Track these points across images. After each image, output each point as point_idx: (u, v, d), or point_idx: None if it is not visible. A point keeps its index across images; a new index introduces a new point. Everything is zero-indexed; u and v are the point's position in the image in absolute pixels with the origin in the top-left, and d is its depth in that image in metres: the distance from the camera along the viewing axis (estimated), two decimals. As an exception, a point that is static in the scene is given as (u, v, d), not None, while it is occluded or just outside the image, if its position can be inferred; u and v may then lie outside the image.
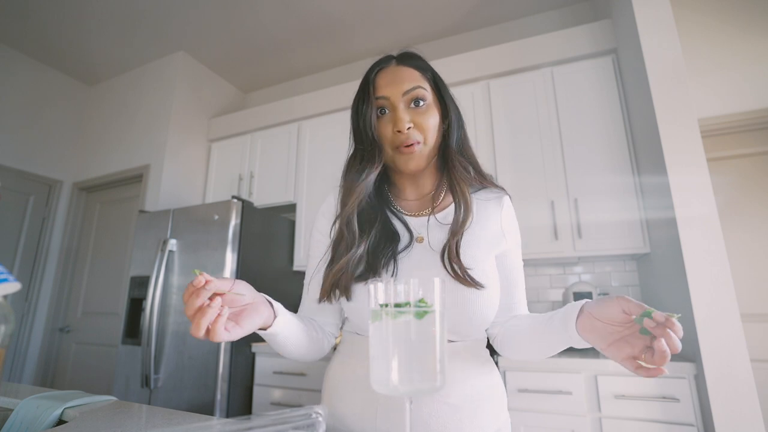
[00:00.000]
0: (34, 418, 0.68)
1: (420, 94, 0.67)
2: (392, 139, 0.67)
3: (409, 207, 0.74)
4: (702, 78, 2.09)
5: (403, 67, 0.70)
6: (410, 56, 0.73)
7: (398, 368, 0.42)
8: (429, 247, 0.67)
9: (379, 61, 0.73)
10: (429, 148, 0.68)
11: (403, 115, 0.66)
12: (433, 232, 0.69)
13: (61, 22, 2.69)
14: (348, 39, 2.89)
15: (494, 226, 0.70)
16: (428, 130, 0.67)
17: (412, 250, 0.68)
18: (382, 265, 0.66)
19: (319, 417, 0.48)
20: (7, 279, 0.45)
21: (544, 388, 1.54)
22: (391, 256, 0.66)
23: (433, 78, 0.72)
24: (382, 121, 0.69)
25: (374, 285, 0.44)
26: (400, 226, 0.70)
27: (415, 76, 0.69)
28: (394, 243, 0.68)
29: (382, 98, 0.68)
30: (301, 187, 2.65)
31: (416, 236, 0.69)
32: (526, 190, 2.05)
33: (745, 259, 1.94)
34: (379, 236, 0.68)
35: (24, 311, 2.92)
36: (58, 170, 3.17)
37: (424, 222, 0.70)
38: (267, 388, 2.05)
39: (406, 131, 0.65)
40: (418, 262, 0.67)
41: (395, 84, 0.67)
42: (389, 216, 0.72)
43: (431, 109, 0.68)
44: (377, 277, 0.65)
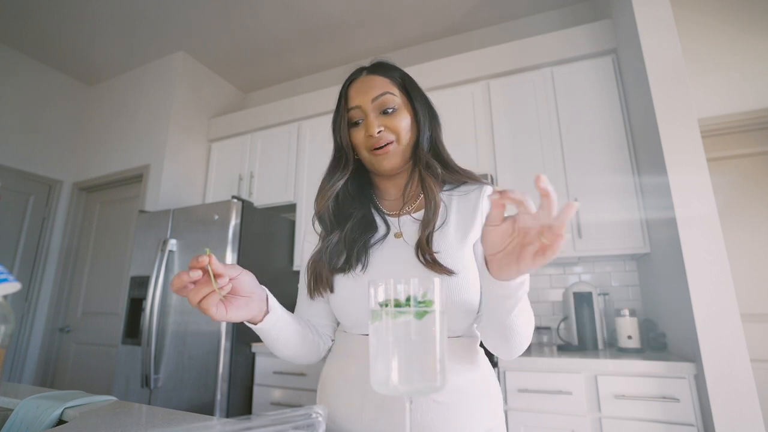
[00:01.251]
0: (34, 418, 0.68)
1: (388, 99, 0.71)
2: (365, 143, 0.72)
3: (390, 206, 0.78)
4: (702, 78, 2.09)
5: (372, 76, 0.74)
6: (379, 66, 0.77)
7: (398, 368, 0.42)
8: (404, 242, 0.71)
9: (352, 74, 0.78)
10: (403, 147, 0.72)
11: (374, 120, 0.70)
12: (409, 228, 0.72)
13: (61, 22, 2.69)
14: (348, 39, 2.89)
15: (472, 214, 0.71)
16: (400, 130, 0.71)
17: (386, 243, 0.71)
18: (356, 255, 0.69)
19: (319, 417, 0.48)
20: (7, 279, 0.45)
21: (544, 388, 1.54)
22: (364, 246, 0.70)
23: (403, 83, 0.76)
24: (356, 130, 0.73)
25: (374, 285, 0.44)
26: (380, 221, 0.75)
27: (383, 83, 0.73)
28: (369, 233, 0.72)
29: (355, 108, 0.72)
30: (301, 187, 2.65)
31: (394, 232, 0.73)
32: (525, 190, 2.04)
33: (745, 259, 1.94)
34: (355, 227, 0.72)
35: (24, 311, 2.92)
36: (58, 170, 3.17)
37: (399, 220, 0.74)
38: (267, 388, 2.05)
39: (377, 134, 0.70)
40: (391, 254, 0.70)
41: (365, 92, 0.72)
42: (372, 211, 0.76)
43: (401, 112, 0.72)
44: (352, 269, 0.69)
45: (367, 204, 0.77)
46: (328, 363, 0.76)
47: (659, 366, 1.42)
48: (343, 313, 0.71)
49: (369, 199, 0.79)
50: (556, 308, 2.20)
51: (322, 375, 0.75)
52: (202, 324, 2.06)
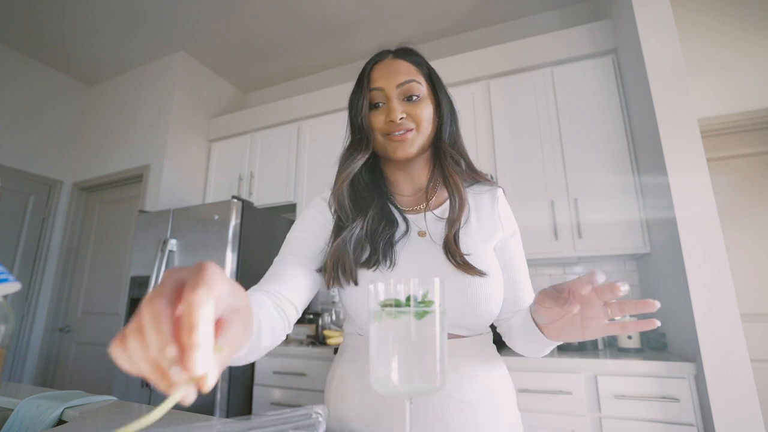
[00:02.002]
0: (34, 418, 0.68)
1: (414, 87, 0.68)
2: (383, 127, 0.69)
3: (405, 202, 0.75)
4: (702, 78, 2.09)
5: (399, 61, 0.71)
6: (407, 51, 0.74)
7: (398, 368, 0.42)
8: (431, 240, 0.68)
9: (376, 55, 0.74)
10: (422, 138, 0.69)
11: (397, 106, 0.67)
12: (433, 226, 0.70)
13: (61, 22, 2.69)
14: (348, 39, 2.89)
15: (490, 217, 0.72)
16: (422, 120, 0.68)
17: (411, 241, 0.68)
18: (382, 251, 0.65)
19: (319, 417, 0.48)
20: (7, 279, 0.45)
21: (544, 388, 1.54)
22: (389, 242, 0.67)
23: (429, 73, 0.73)
24: (376, 112, 0.69)
25: (374, 285, 0.44)
26: (399, 218, 0.71)
27: (410, 69, 0.70)
28: (392, 229, 0.68)
29: (377, 89, 0.69)
30: (301, 187, 2.65)
31: (416, 230, 0.70)
32: (526, 190, 2.05)
33: (745, 259, 1.94)
34: (376, 219, 0.69)
35: (24, 311, 2.92)
36: (58, 170, 3.17)
37: (420, 217, 0.71)
38: (267, 388, 2.05)
39: (399, 121, 0.67)
40: (418, 252, 0.67)
41: (390, 76, 0.69)
42: (388, 204, 0.72)
43: (425, 101, 0.69)
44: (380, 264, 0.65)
45: (384, 197, 0.73)
46: (340, 365, 0.72)
47: (659, 366, 1.42)
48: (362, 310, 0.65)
49: (384, 193, 0.74)
50: (556, 308, 2.20)
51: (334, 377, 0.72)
52: (202, 324, 2.06)
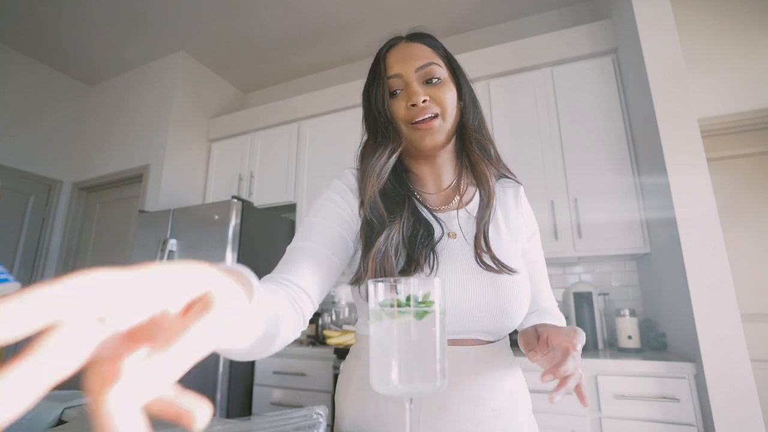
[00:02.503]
0: (34, 418, 0.68)
1: (434, 70, 0.63)
2: (406, 115, 0.62)
3: (433, 201, 0.69)
4: (702, 78, 2.09)
5: (414, 44, 0.66)
6: (421, 34, 0.69)
7: (398, 368, 0.42)
8: (464, 240, 0.64)
9: (389, 41, 0.68)
10: (448, 125, 0.64)
11: (418, 89, 0.62)
12: (465, 225, 0.66)
13: (61, 22, 2.69)
14: (348, 39, 2.89)
15: (515, 215, 0.70)
16: (446, 103, 0.62)
17: (447, 243, 0.64)
18: (424, 256, 0.60)
19: (320, 417, 0.48)
20: (7, 279, 0.45)
21: (544, 388, 1.54)
22: (429, 247, 0.61)
23: (447, 56, 0.68)
24: (395, 100, 0.64)
25: (374, 285, 0.44)
26: (431, 218, 0.66)
27: (427, 52, 0.65)
28: (429, 233, 0.63)
29: (395, 76, 0.63)
30: (301, 187, 2.65)
31: (447, 231, 0.65)
32: (526, 190, 2.04)
33: (745, 259, 1.94)
34: (413, 224, 0.63)
35: (24, 311, 2.92)
36: (58, 170, 3.17)
37: (451, 216, 0.66)
38: (267, 388, 2.05)
39: (422, 104, 0.61)
40: (452, 254, 0.63)
41: (407, 60, 0.63)
42: (417, 206, 0.66)
43: (447, 84, 0.64)
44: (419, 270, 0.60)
45: (411, 197, 0.66)
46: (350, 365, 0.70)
47: (659, 366, 1.42)
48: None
49: (411, 193, 0.68)
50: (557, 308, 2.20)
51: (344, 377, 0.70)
52: (202, 324, 2.06)
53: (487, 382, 0.61)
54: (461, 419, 0.58)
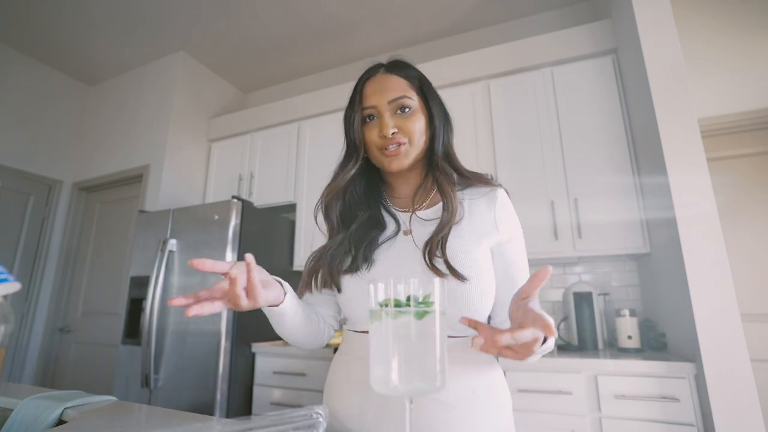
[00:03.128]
0: (34, 418, 0.68)
1: (405, 102, 0.71)
2: (377, 142, 0.71)
3: (401, 203, 0.77)
4: (702, 78, 2.09)
5: (390, 76, 0.74)
6: (398, 65, 0.76)
7: (398, 368, 0.42)
8: (413, 242, 0.69)
9: (368, 70, 0.77)
10: (416, 150, 0.72)
11: (389, 121, 0.70)
12: (418, 227, 0.71)
13: (61, 22, 2.69)
14: (348, 39, 2.89)
15: (485, 219, 0.71)
16: (413, 133, 0.71)
17: (396, 242, 0.71)
18: (363, 255, 0.68)
19: (320, 417, 0.48)
20: (7, 279, 0.45)
21: (544, 388, 1.54)
22: (372, 245, 0.70)
23: (420, 86, 0.75)
24: (369, 126, 0.73)
25: (374, 285, 0.44)
26: (389, 219, 0.74)
27: (401, 85, 0.72)
28: (378, 231, 0.71)
29: (370, 107, 0.72)
30: (301, 187, 2.65)
31: (404, 229, 0.72)
32: (526, 191, 2.05)
33: (745, 259, 1.94)
34: (363, 226, 0.72)
35: (24, 311, 2.92)
36: (58, 170, 3.17)
37: (412, 217, 0.73)
38: (267, 388, 2.05)
39: (391, 136, 0.69)
40: (397, 252, 0.69)
41: (381, 93, 0.71)
42: (380, 209, 0.76)
43: (416, 114, 0.72)
44: (359, 270, 0.68)
45: (377, 203, 0.76)
46: (335, 362, 0.76)
47: (659, 366, 1.42)
48: (349, 310, 0.71)
49: (379, 197, 0.78)
50: (556, 308, 2.20)
51: (330, 374, 0.75)
52: (202, 324, 2.06)
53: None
54: (403, 409, 0.59)
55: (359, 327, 0.70)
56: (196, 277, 2.14)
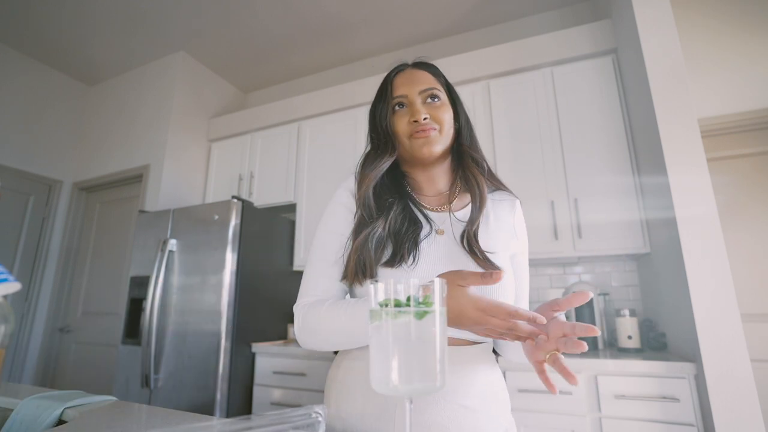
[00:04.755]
0: (34, 418, 0.68)
1: (435, 93, 0.73)
2: (408, 129, 0.72)
3: (428, 201, 0.77)
4: (702, 78, 2.09)
5: (418, 71, 0.76)
6: (426, 63, 0.80)
7: (398, 368, 0.42)
8: (452, 239, 0.70)
9: (396, 67, 0.79)
10: (445, 139, 0.73)
11: (420, 108, 0.71)
12: (453, 226, 0.72)
13: (61, 22, 2.69)
14: (348, 39, 2.89)
15: (508, 225, 0.75)
16: (444, 121, 0.72)
17: (434, 240, 0.70)
18: (407, 249, 0.67)
19: (319, 417, 0.48)
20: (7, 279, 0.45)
21: (544, 388, 1.54)
22: (414, 241, 0.68)
23: (446, 83, 0.79)
24: (398, 114, 0.74)
25: (374, 285, 0.44)
26: (421, 217, 0.73)
27: (430, 78, 0.75)
28: (416, 228, 0.70)
29: (401, 96, 0.74)
30: (301, 187, 2.65)
31: (436, 228, 0.72)
32: (526, 191, 2.05)
33: (745, 259, 1.94)
34: (400, 220, 0.71)
35: (24, 311, 2.92)
36: (58, 170, 3.17)
37: (443, 217, 0.74)
38: (267, 388, 2.06)
39: (423, 121, 0.70)
40: (441, 250, 0.69)
41: (412, 84, 0.74)
42: (410, 205, 0.75)
43: (446, 105, 0.74)
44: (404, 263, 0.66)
45: (405, 198, 0.75)
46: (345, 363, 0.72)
47: (659, 366, 1.42)
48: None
49: (406, 194, 0.77)
50: (556, 308, 2.20)
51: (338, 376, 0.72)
52: (202, 324, 2.06)
53: (462, 381, 0.64)
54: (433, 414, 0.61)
55: None
56: (195, 276, 2.14)
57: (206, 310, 2.07)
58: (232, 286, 2.09)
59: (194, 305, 2.11)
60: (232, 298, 2.08)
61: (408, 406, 0.44)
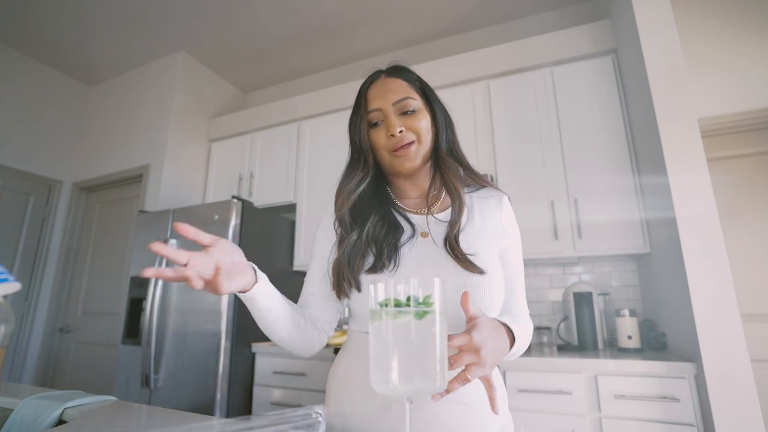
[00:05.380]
0: (34, 418, 0.68)
1: (409, 103, 0.72)
2: (386, 144, 0.72)
3: (411, 204, 0.78)
4: (702, 78, 2.09)
5: (392, 79, 0.75)
6: (398, 69, 0.78)
7: (398, 368, 0.42)
8: (432, 241, 0.71)
9: (370, 77, 0.79)
10: (424, 149, 0.73)
11: (395, 121, 0.71)
12: (435, 228, 0.72)
13: (61, 22, 2.69)
14: (348, 39, 2.89)
15: (495, 222, 0.74)
16: (420, 131, 0.72)
17: (416, 243, 0.71)
18: (387, 255, 0.68)
19: (319, 417, 0.48)
20: (7, 279, 0.45)
21: (544, 388, 1.54)
22: (394, 246, 0.70)
23: (421, 87, 0.77)
24: (376, 131, 0.74)
25: (374, 285, 0.44)
26: (403, 221, 0.74)
27: (403, 87, 0.74)
28: (397, 233, 0.71)
29: (375, 110, 0.73)
30: (301, 187, 2.65)
31: (420, 231, 0.73)
32: (526, 191, 2.05)
33: (745, 259, 1.94)
34: (379, 227, 0.72)
35: (24, 311, 2.92)
36: (58, 170, 3.17)
37: (425, 219, 0.74)
38: (267, 388, 2.05)
39: (399, 134, 0.70)
40: (422, 254, 0.70)
41: (385, 95, 0.73)
42: (391, 211, 0.76)
43: (421, 113, 0.73)
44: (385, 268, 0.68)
45: (386, 205, 0.76)
46: (343, 363, 0.74)
47: (659, 366, 1.42)
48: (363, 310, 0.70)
49: (387, 200, 0.78)
50: (556, 308, 2.20)
51: (337, 375, 0.74)
52: (202, 324, 2.06)
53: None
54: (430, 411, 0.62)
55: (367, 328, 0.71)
56: (196, 277, 2.14)
57: (206, 310, 2.07)
58: (232, 286, 2.09)
59: (194, 305, 2.11)
60: (232, 298, 2.08)
61: (408, 406, 0.44)
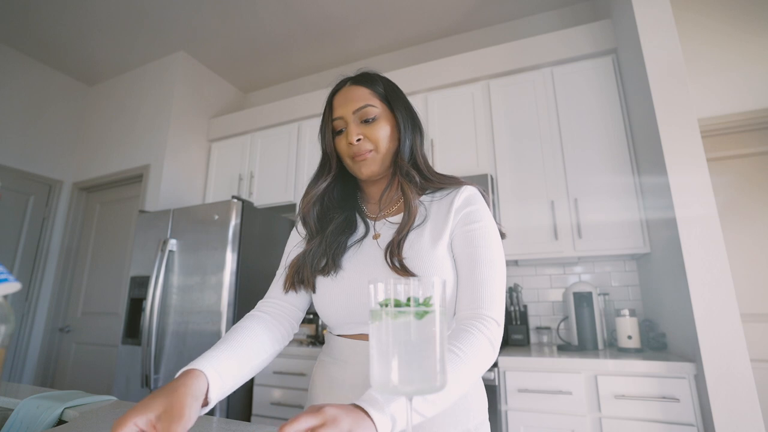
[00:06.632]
0: (34, 418, 0.68)
1: (369, 111, 0.74)
2: (347, 151, 0.75)
3: (372, 209, 0.81)
4: (702, 78, 2.09)
5: (355, 87, 0.77)
6: (363, 77, 0.80)
7: (398, 368, 0.42)
8: (377, 245, 0.73)
9: (336, 84, 0.81)
10: (382, 155, 0.75)
11: (353, 130, 0.74)
12: (386, 231, 0.74)
13: (61, 22, 2.69)
14: (348, 39, 2.89)
15: (446, 218, 0.71)
16: (379, 140, 0.74)
17: (364, 244, 0.74)
18: (332, 258, 0.72)
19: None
20: (7, 279, 0.45)
21: (544, 388, 1.54)
22: (343, 248, 0.74)
23: (385, 94, 0.78)
24: (340, 138, 0.77)
25: (374, 285, 0.44)
26: (361, 223, 0.79)
27: (365, 95, 0.76)
28: (348, 234, 0.76)
29: (338, 118, 0.76)
30: (301, 187, 2.65)
31: (372, 234, 0.76)
32: (526, 191, 2.05)
33: (745, 259, 1.94)
34: (336, 230, 0.76)
35: (24, 311, 2.92)
36: (58, 170, 3.17)
37: (381, 223, 0.77)
38: (267, 388, 2.06)
39: (356, 143, 0.73)
40: (365, 255, 0.73)
41: (347, 104, 0.75)
42: (355, 214, 0.80)
43: (381, 122, 0.75)
44: (331, 271, 0.71)
45: (352, 208, 0.81)
46: (317, 365, 0.79)
47: (659, 366, 1.42)
48: (324, 314, 0.74)
49: (355, 203, 0.82)
50: (556, 308, 2.20)
51: (313, 376, 0.79)
52: (202, 324, 2.06)
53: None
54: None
55: (336, 330, 0.75)
56: (195, 276, 2.14)
57: (206, 310, 2.07)
58: (232, 286, 2.09)
59: (194, 305, 2.11)
60: (232, 298, 2.08)
61: (408, 406, 0.44)
